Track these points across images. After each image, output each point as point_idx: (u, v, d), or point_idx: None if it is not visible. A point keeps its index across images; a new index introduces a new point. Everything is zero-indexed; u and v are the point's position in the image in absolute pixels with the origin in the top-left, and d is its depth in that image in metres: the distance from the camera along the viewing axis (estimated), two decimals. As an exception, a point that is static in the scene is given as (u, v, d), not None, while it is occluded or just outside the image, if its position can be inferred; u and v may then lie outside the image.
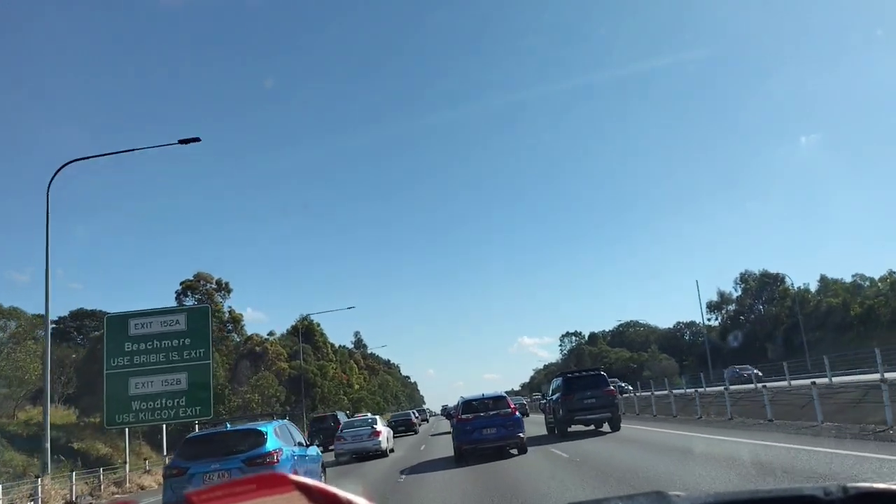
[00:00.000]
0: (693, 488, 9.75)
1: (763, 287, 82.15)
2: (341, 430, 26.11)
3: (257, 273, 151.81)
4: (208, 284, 56.21)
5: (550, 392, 26.32)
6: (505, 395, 20.24)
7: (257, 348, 58.03)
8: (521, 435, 17.88)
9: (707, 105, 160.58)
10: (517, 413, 18.58)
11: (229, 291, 57.86)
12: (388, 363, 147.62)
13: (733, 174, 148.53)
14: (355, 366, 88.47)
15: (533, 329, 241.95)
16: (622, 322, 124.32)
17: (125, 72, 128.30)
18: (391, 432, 29.13)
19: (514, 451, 18.07)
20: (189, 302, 54.32)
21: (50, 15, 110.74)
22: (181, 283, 55.07)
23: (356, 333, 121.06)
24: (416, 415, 66.68)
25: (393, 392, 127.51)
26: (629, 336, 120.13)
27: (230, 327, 58.26)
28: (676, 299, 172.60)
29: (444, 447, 23.10)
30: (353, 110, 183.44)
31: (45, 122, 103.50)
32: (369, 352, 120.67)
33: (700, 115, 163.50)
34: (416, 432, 44.34)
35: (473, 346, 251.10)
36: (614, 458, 15.23)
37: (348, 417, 35.17)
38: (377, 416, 28.90)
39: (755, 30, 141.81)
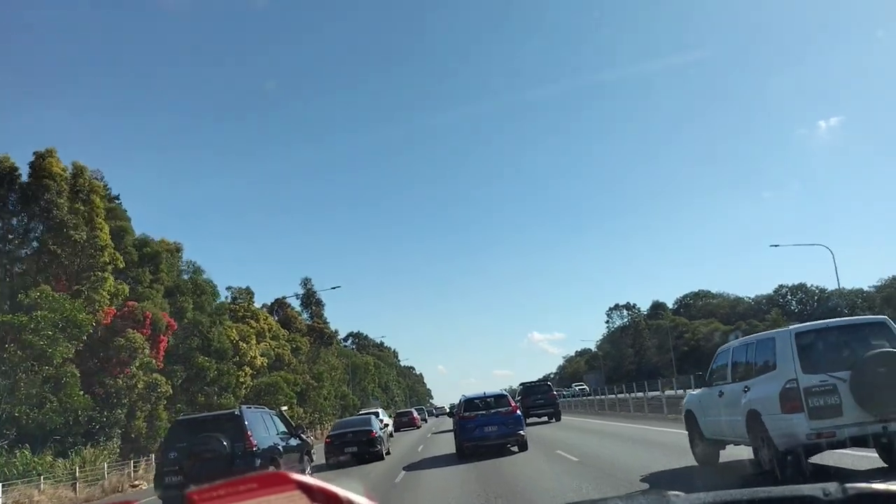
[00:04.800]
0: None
1: None
2: None
3: (267, 270, 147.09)
4: None
5: (516, 396, 34.20)
6: (506, 393, 21.64)
7: None
8: (521, 432, 18.27)
9: (720, 98, 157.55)
10: (518, 411, 19.15)
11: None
12: (380, 345, 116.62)
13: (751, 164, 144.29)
14: (267, 322, 45.90)
15: (543, 325, 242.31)
16: (687, 294, 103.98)
17: (126, 70, 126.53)
18: None
19: (515, 449, 18.23)
20: None
21: (50, 13, 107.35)
22: None
23: (305, 282, 71.10)
24: (415, 414, 47.43)
25: (381, 382, 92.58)
26: (699, 308, 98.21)
27: None
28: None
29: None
30: (360, 109, 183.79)
31: (45, 121, 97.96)
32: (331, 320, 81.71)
33: (709, 109, 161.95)
34: (381, 454, 22.23)
35: (484, 342, 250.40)
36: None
37: (280, 417, 16.65)
38: None
39: (764, 22, 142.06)
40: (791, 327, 9.32)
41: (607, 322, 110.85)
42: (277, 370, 42.34)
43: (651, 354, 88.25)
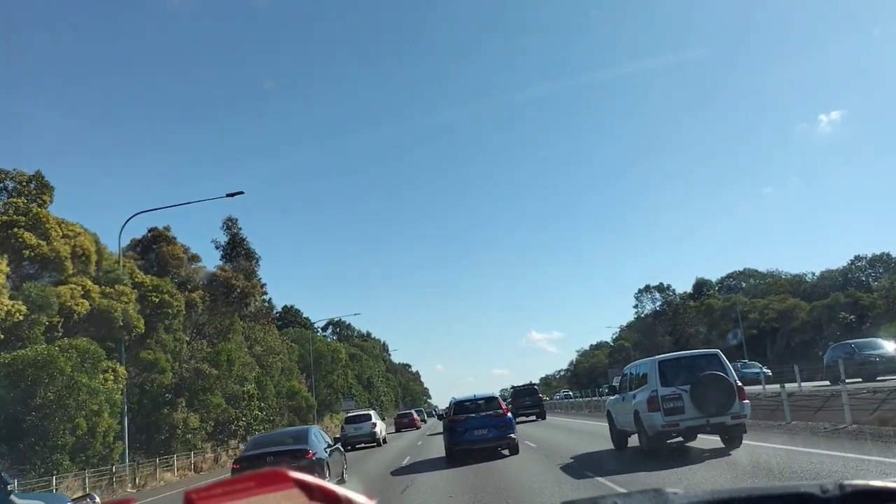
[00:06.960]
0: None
1: None
2: None
3: (262, 272, 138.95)
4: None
5: (507, 399, 37.76)
6: (496, 395, 20.92)
7: None
8: (512, 436, 17.99)
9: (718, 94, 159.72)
10: (509, 414, 18.85)
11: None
12: (365, 335, 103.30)
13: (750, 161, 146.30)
14: (77, 244, 25.50)
15: (542, 325, 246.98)
16: (730, 273, 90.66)
17: (129, 71, 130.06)
18: None
19: (506, 452, 18.09)
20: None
21: (51, 13, 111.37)
22: None
23: (228, 224, 50.82)
24: (415, 415, 49.00)
25: (363, 377, 79.40)
26: (748, 290, 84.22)
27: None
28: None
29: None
30: (361, 109, 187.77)
31: (48, 121, 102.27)
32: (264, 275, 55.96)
33: (710, 106, 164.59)
34: None
35: (482, 341, 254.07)
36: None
37: None
38: None
39: (760, 22, 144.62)
40: (656, 357, 14.29)
41: (636, 307, 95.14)
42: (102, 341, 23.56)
43: (697, 342, 71.01)
